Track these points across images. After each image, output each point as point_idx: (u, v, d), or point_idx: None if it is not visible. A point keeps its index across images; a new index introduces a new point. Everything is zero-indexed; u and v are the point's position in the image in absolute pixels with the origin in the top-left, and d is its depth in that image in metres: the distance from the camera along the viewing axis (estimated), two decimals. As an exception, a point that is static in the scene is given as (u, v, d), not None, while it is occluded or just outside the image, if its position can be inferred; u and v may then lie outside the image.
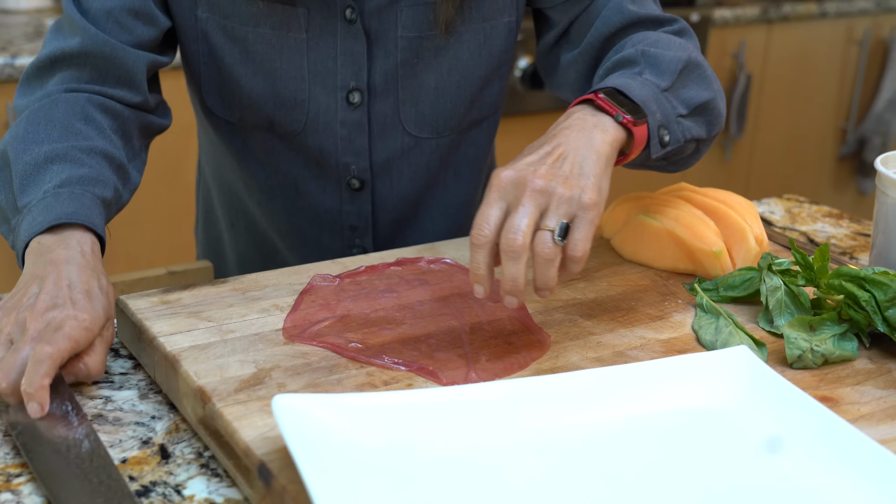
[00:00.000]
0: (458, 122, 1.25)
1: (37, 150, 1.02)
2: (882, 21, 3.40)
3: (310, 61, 1.17)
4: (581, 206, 0.89)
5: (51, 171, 1.01)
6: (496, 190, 0.89)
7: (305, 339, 0.95)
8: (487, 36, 1.20)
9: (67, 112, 1.07)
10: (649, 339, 0.98)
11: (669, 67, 1.06)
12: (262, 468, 0.77)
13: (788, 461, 0.79)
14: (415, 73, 1.20)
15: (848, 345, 0.97)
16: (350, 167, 1.23)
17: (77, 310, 0.90)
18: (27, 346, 0.87)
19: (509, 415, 0.83)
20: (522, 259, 0.87)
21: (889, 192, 1.10)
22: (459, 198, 1.32)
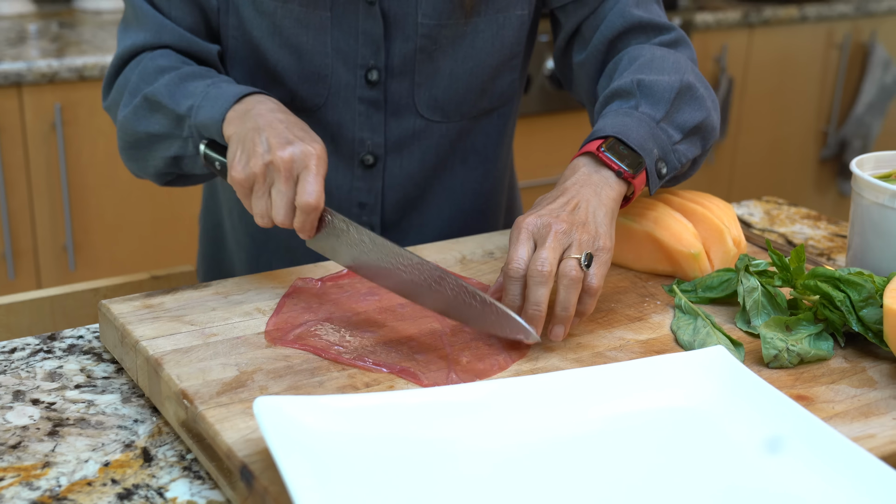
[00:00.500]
0: (468, 108, 1.29)
1: (168, 77, 1.14)
2: (861, 25, 3.42)
3: (333, 38, 1.22)
4: (599, 248, 1.00)
5: (193, 84, 1.13)
6: (525, 231, 0.99)
7: (287, 342, 0.96)
8: (500, 26, 1.25)
9: (169, 60, 1.17)
10: (628, 340, 1.00)
11: (664, 97, 1.12)
12: (244, 470, 0.77)
13: (765, 459, 0.80)
14: (432, 59, 1.24)
15: (823, 344, 0.98)
16: (365, 142, 1.27)
17: (307, 142, 1.02)
18: (281, 187, 1.00)
19: (490, 416, 0.84)
20: (548, 284, 0.96)
21: (865, 194, 1.12)
22: (466, 185, 1.35)
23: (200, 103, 1.10)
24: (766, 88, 3.33)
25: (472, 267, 1.15)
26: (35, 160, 2.24)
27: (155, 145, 1.16)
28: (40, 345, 1.03)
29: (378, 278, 1.01)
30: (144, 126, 1.16)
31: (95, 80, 2.24)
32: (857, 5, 3.37)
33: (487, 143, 1.34)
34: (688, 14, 3.02)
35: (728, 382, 0.87)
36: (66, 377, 0.97)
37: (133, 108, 1.16)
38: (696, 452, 0.82)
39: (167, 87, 1.13)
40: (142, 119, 1.16)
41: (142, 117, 1.16)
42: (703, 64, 3.14)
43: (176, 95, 1.13)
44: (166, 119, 1.14)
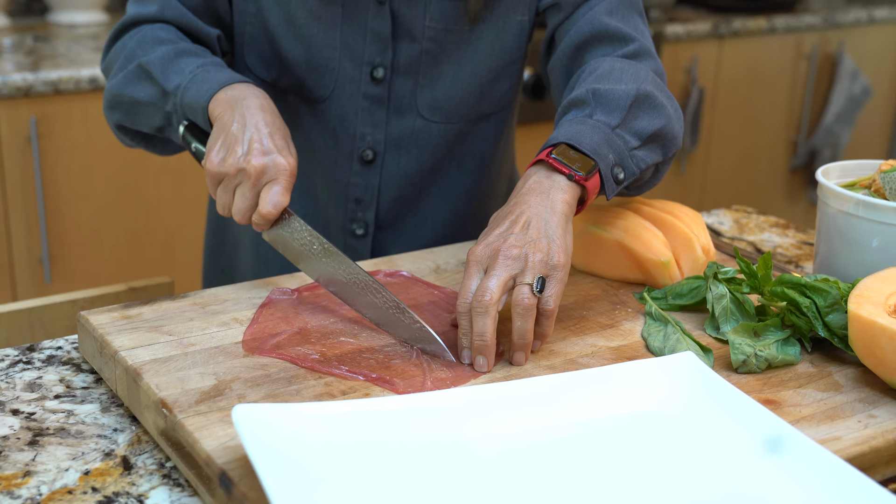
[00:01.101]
0: (467, 111, 1.32)
1: (164, 50, 1.20)
2: (829, 36, 3.47)
3: (342, 33, 1.26)
4: (552, 267, 0.99)
5: (184, 61, 1.18)
6: (473, 264, 0.99)
7: (265, 351, 0.97)
8: (501, 31, 1.28)
9: (168, 34, 1.23)
10: (600, 347, 1.01)
11: (619, 104, 1.12)
12: (223, 477, 0.78)
13: (733, 461, 0.82)
14: (436, 62, 1.28)
15: (791, 349, 1.00)
16: (366, 138, 1.30)
17: (283, 154, 1.08)
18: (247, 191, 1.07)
19: (464, 421, 0.85)
20: (490, 314, 0.95)
21: (830, 203, 1.14)
22: (461, 188, 1.38)
23: (188, 84, 1.15)
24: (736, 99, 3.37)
25: (445, 276, 1.16)
26: (10, 173, 2.24)
27: (139, 111, 1.22)
28: (19, 356, 1.03)
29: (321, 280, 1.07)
30: (131, 91, 1.21)
31: (70, 93, 2.24)
32: (825, 17, 3.42)
33: (484, 148, 1.37)
34: (658, 25, 3.05)
35: (697, 387, 0.89)
36: (45, 387, 0.98)
37: (125, 74, 1.21)
38: (666, 456, 0.83)
39: (161, 60, 1.18)
40: (130, 84, 1.21)
41: (130, 82, 1.21)
42: (673, 75, 3.18)
43: (167, 70, 1.18)
44: (153, 90, 1.19)
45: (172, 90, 1.16)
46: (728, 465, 0.82)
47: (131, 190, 2.37)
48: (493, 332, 0.95)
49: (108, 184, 2.35)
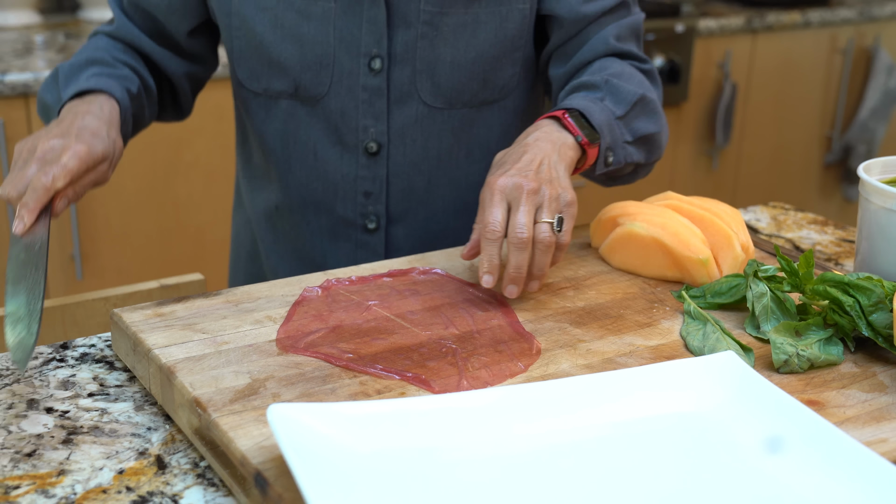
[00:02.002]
0: (470, 97, 1.32)
1: (78, 58, 1.26)
2: (865, 30, 3.43)
3: (336, 28, 1.26)
4: (566, 203, 1.07)
5: (88, 70, 1.24)
6: (498, 193, 1.05)
7: (299, 349, 0.96)
8: (503, 19, 1.28)
9: (109, 44, 1.31)
10: (638, 346, 1.00)
11: (626, 98, 1.22)
12: (258, 477, 0.78)
13: (776, 464, 0.80)
14: (433, 46, 1.27)
15: (833, 349, 0.98)
16: (369, 130, 1.30)
17: (78, 142, 1.09)
18: (32, 166, 1.07)
19: (501, 422, 0.84)
20: (528, 249, 1.03)
21: (872, 199, 1.12)
22: (470, 177, 1.37)
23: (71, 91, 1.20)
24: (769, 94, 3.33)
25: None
26: (42, 170, 2.24)
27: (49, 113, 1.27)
28: (53, 353, 1.03)
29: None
30: (42, 92, 1.28)
31: (102, 89, 2.25)
32: (861, 10, 3.38)
33: (490, 137, 1.36)
34: (691, 20, 3.03)
35: (739, 388, 0.88)
36: (79, 385, 0.97)
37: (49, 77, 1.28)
38: (707, 458, 0.82)
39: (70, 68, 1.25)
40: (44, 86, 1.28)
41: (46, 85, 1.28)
42: (706, 70, 3.15)
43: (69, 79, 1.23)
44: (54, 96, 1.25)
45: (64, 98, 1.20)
46: (771, 467, 0.80)
47: (162, 187, 2.38)
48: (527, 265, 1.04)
49: (139, 181, 2.35)
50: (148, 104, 1.31)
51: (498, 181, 1.05)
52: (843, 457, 0.78)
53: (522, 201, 1.03)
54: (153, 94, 1.32)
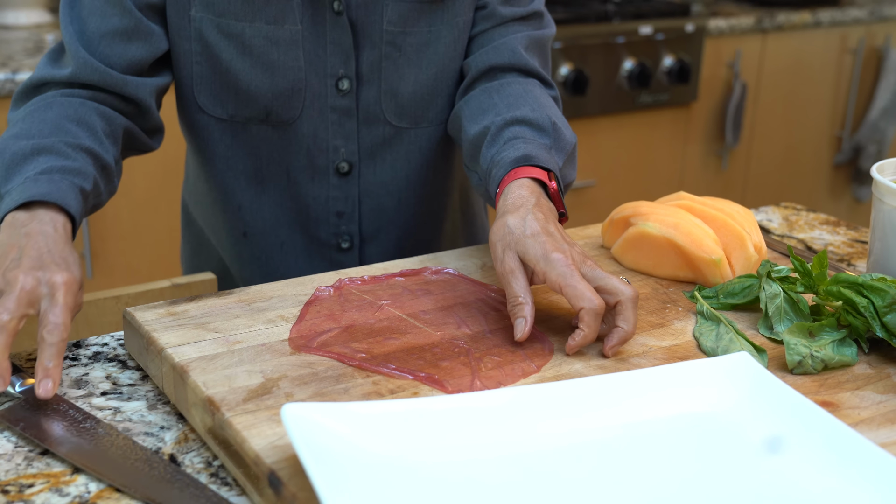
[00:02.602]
0: (434, 114, 1.31)
1: (24, 143, 1.07)
2: (875, 30, 3.42)
3: (305, 51, 1.23)
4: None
5: (35, 161, 1.05)
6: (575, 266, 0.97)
7: (312, 349, 0.96)
8: (460, 31, 1.27)
9: (60, 113, 1.12)
10: (651, 347, 1.00)
11: (565, 148, 1.17)
12: (272, 476, 0.78)
13: (791, 465, 0.80)
14: (396, 66, 1.26)
15: (847, 350, 0.98)
16: (339, 150, 1.29)
17: (62, 270, 0.95)
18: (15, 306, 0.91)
19: (514, 422, 0.84)
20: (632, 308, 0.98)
21: (885, 200, 1.12)
22: (434, 188, 1.37)
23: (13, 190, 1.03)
24: (779, 94, 3.33)
25: (492, 274, 1.15)
26: (53, 169, 2.25)
27: None
28: (66, 352, 1.03)
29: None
30: None
31: (112, 88, 2.25)
32: (872, 10, 3.37)
33: (448, 147, 1.36)
34: (701, 20, 3.02)
35: (753, 389, 0.87)
36: (92, 384, 0.98)
37: None
38: (721, 459, 0.82)
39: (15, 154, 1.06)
40: None
41: None
42: (716, 70, 3.14)
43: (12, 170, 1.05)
44: None
45: (3, 193, 1.04)
46: (786, 468, 0.80)
47: (171, 186, 2.38)
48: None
49: (149, 180, 2.36)
50: (104, 185, 1.13)
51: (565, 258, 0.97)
52: (859, 459, 0.78)
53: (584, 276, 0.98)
54: (110, 169, 1.14)
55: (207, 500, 0.81)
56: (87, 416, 0.91)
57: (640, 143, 3.07)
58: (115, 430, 0.88)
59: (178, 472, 0.84)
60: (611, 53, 2.89)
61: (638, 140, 3.06)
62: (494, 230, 1.03)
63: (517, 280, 0.99)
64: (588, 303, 0.95)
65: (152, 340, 0.97)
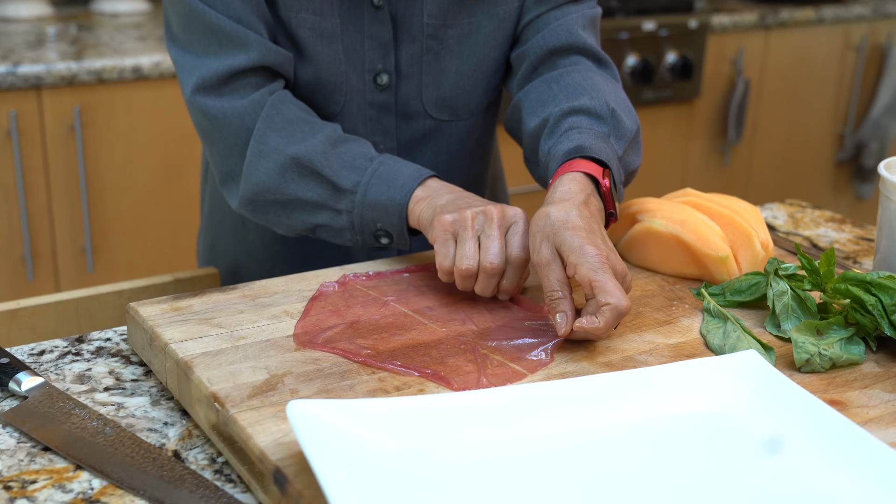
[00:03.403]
0: (475, 105, 1.30)
1: (315, 140, 1.14)
2: (879, 27, 3.41)
3: (343, 45, 1.22)
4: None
5: (344, 151, 1.14)
6: (608, 265, 0.96)
7: (316, 345, 0.96)
8: (501, 20, 1.26)
9: (295, 111, 1.17)
10: (658, 344, 0.99)
11: (625, 135, 1.15)
12: (277, 474, 0.77)
13: (799, 464, 0.79)
14: (438, 59, 1.25)
15: (855, 349, 0.97)
16: (378, 146, 1.27)
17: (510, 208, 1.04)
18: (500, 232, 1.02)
19: (521, 419, 0.83)
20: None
21: (892, 197, 1.11)
22: (470, 179, 1.36)
23: (370, 181, 1.11)
24: (782, 91, 3.32)
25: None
26: (54, 163, 2.24)
27: (300, 209, 1.15)
28: (68, 347, 1.02)
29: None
30: (294, 190, 1.13)
31: (114, 82, 2.24)
32: (875, 7, 3.36)
33: (487, 136, 1.36)
34: (704, 16, 3.01)
35: (761, 387, 0.87)
36: (95, 380, 0.97)
37: (276, 168, 1.13)
38: (729, 457, 0.81)
39: (323, 154, 1.13)
40: (290, 182, 1.13)
41: (290, 180, 1.13)
42: (718, 66, 3.14)
43: (334, 165, 1.12)
44: (322, 188, 1.13)
45: (351, 187, 1.12)
46: (795, 467, 0.79)
47: (173, 180, 2.37)
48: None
49: (151, 173, 2.35)
50: None
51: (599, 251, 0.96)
52: (868, 458, 0.78)
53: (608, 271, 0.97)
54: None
55: (213, 497, 0.80)
56: (92, 414, 0.90)
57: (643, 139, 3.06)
58: (122, 430, 0.88)
59: (183, 469, 0.83)
60: (614, 49, 2.88)
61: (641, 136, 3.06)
62: (535, 220, 1.01)
63: (553, 272, 0.98)
64: (616, 300, 0.94)
65: (156, 336, 0.96)
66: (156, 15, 2.75)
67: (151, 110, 2.30)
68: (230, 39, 1.14)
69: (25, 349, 1.02)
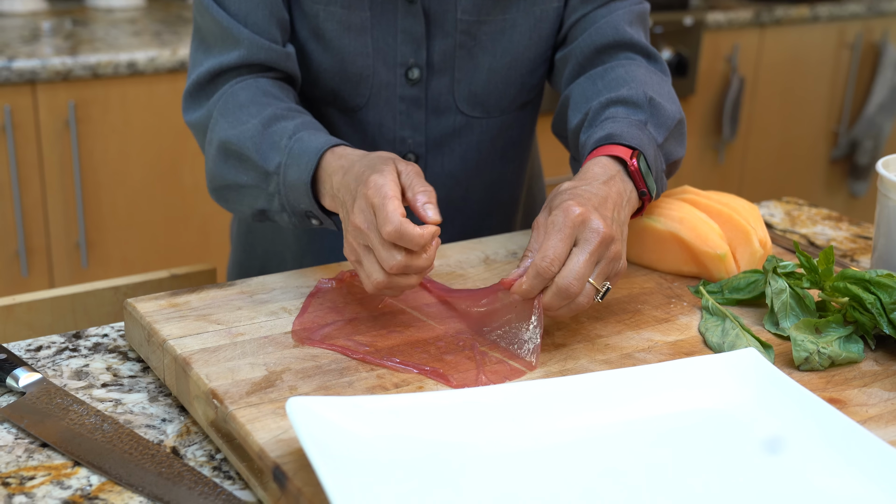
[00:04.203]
0: (507, 103, 1.30)
1: (251, 124, 1.11)
2: (873, 25, 3.42)
3: (373, 38, 1.22)
4: (615, 273, 0.98)
5: (274, 131, 1.10)
6: (570, 226, 0.94)
7: (315, 341, 0.95)
8: (538, 19, 1.25)
9: (250, 94, 1.14)
10: (657, 342, 0.99)
11: (666, 123, 1.13)
12: (276, 470, 0.77)
13: (798, 462, 0.79)
14: (471, 55, 1.25)
15: (854, 347, 0.97)
16: (406, 141, 1.28)
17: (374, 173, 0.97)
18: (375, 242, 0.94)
19: (519, 417, 0.83)
20: (567, 300, 0.93)
21: (891, 195, 1.11)
22: (503, 177, 1.36)
23: (286, 161, 1.07)
24: (777, 88, 3.32)
25: (495, 267, 1.14)
26: (49, 158, 2.23)
27: (243, 194, 1.14)
28: (66, 343, 1.02)
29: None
30: (233, 176, 1.13)
31: (109, 77, 2.24)
32: (869, 5, 3.36)
33: (522, 135, 1.35)
34: (699, 13, 3.01)
35: (761, 385, 0.87)
36: (92, 376, 0.97)
37: (218, 154, 1.13)
38: (728, 455, 0.81)
39: (253, 137, 1.10)
40: (229, 168, 1.13)
41: (229, 166, 1.13)
42: (713, 63, 3.14)
43: (262, 147, 1.10)
44: (254, 172, 1.11)
45: (274, 170, 1.09)
46: (795, 465, 0.79)
47: (168, 175, 2.37)
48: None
49: (146, 169, 2.34)
50: None
51: (574, 209, 0.94)
52: (868, 456, 0.78)
53: (591, 247, 0.93)
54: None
55: (211, 493, 0.80)
56: (90, 411, 0.90)
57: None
58: (120, 427, 0.87)
59: (181, 465, 0.83)
60: (609, 46, 2.87)
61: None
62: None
63: (536, 235, 0.96)
64: (540, 259, 0.92)
65: (154, 332, 0.96)
66: (151, 10, 2.75)
67: (146, 105, 2.29)
68: (224, 37, 1.16)
69: (22, 345, 1.01)
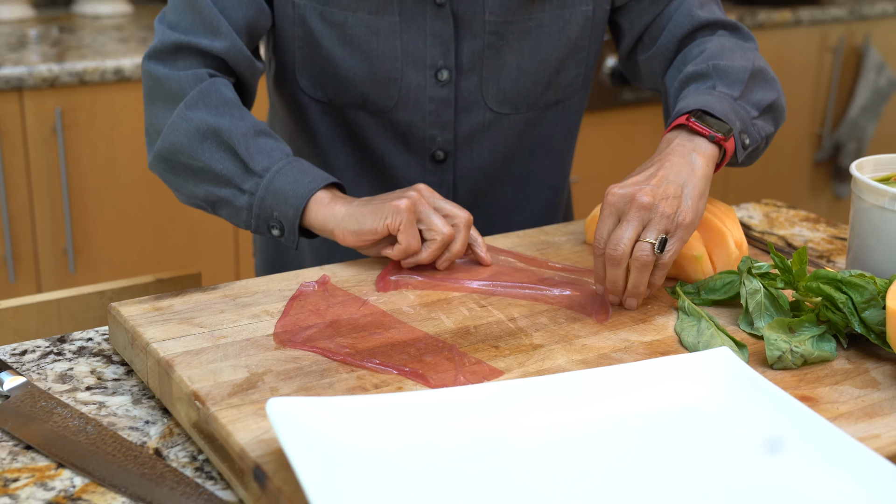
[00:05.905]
0: (535, 100, 1.33)
1: (243, 122, 1.16)
2: (855, 29, 3.44)
3: (402, 42, 1.25)
4: (677, 225, 1.04)
5: (265, 143, 1.16)
6: (609, 206, 1.04)
7: (296, 344, 0.97)
8: (566, 22, 1.29)
9: (233, 97, 1.19)
10: (633, 342, 1.01)
11: (738, 77, 1.19)
12: (257, 470, 0.78)
13: (771, 459, 0.81)
14: (499, 54, 1.28)
15: (826, 346, 0.99)
16: (436, 139, 1.31)
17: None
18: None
19: (497, 416, 0.85)
20: (621, 266, 1.03)
21: (864, 197, 1.13)
22: (532, 174, 1.40)
23: (280, 169, 1.14)
24: (761, 92, 3.34)
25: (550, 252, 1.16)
26: (36, 164, 2.24)
27: (207, 179, 1.17)
28: (50, 347, 1.03)
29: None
30: (207, 159, 1.15)
31: (95, 84, 2.25)
32: (851, 9, 3.39)
33: (553, 136, 1.38)
34: (683, 18, 3.03)
35: (733, 383, 0.88)
36: (76, 379, 0.98)
37: (197, 133, 1.15)
38: (702, 453, 0.83)
39: (244, 136, 1.15)
40: (204, 150, 1.15)
41: (207, 148, 1.15)
42: (698, 67, 3.16)
43: (251, 148, 1.14)
44: (233, 164, 1.15)
45: (259, 170, 1.14)
46: (765, 462, 0.81)
47: (155, 180, 2.37)
48: (623, 280, 1.04)
49: (133, 174, 2.35)
50: None
51: (612, 191, 1.04)
52: (837, 452, 0.79)
53: (629, 216, 1.03)
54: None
55: (193, 494, 0.81)
56: (74, 413, 0.91)
57: (623, 140, 3.08)
58: (104, 429, 0.89)
59: (164, 466, 0.84)
60: (593, 51, 2.90)
61: (620, 137, 3.07)
62: None
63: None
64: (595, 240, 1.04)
65: (137, 335, 0.97)
66: (137, 17, 2.76)
67: (133, 112, 2.30)
68: (204, 22, 1.19)
69: (7, 349, 1.03)
